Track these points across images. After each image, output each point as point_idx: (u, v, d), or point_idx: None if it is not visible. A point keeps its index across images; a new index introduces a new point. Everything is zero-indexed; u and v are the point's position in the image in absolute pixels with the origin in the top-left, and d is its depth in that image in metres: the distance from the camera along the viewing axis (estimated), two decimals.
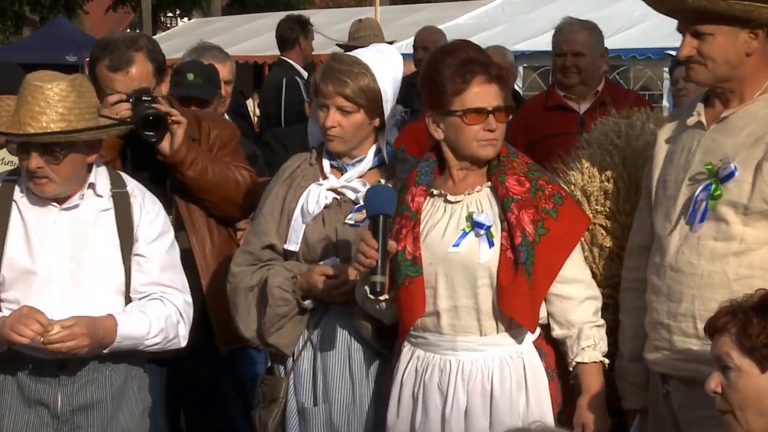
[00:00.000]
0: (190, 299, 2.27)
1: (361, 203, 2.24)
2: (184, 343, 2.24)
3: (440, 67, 2.11)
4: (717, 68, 1.97)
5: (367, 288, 2.06)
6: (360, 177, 2.28)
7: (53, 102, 2.04)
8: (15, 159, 3.02)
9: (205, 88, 3.39)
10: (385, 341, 2.21)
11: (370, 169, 2.29)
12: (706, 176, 1.98)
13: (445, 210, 2.12)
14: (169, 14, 24.95)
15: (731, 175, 1.95)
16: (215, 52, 3.87)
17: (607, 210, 2.40)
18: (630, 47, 9.13)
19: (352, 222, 2.26)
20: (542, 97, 3.76)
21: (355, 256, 2.08)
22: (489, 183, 2.10)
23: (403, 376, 2.14)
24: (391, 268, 2.07)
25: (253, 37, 13.32)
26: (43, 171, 2.07)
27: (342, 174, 2.29)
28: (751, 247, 1.96)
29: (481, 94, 2.05)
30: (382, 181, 2.25)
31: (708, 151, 2.01)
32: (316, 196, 2.26)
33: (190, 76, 3.35)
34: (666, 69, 9.21)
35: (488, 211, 2.08)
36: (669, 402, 2.05)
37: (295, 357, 2.28)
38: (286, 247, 2.28)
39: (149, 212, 2.22)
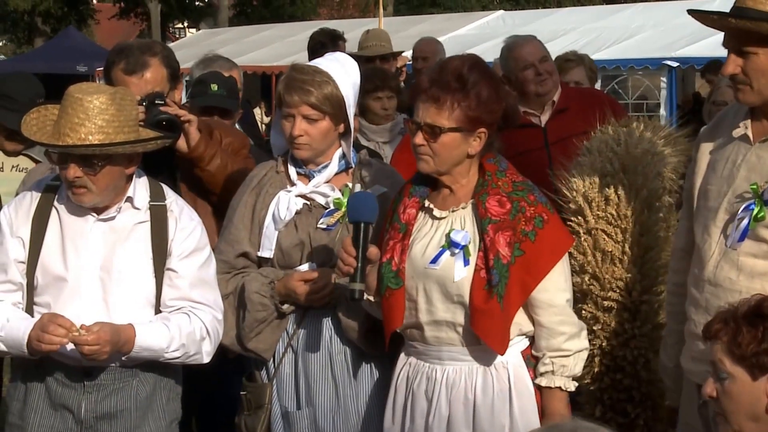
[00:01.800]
0: (220, 316, 2.24)
1: (332, 207, 2.26)
2: (207, 360, 2.23)
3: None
4: (763, 87, 1.95)
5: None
6: (327, 182, 2.29)
7: (92, 114, 2.07)
8: (29, 166, 3.08)
9: (228, 99, 3.41)
10: (375, 343, 2.21)
11: (336, 174, 2.31)
12: (750, 196, 1.97)
13: (431, 225, 2.11)
14: (178, 25, 25.09)
15: None
16: (222, 62, 3.91)
17: (609, 215, 2.46)
18: (628, 57, 9.23)
19: (324, 226, 2.26)
20: None
21: (336, 261, 2.12)
22: (473, 200, 2.09)
23: (396, 382, 2.16)
24: (378, 276, 2.09)
25: (260, 47, 13.45)
26: (80, 181, 2.10)
27: (309, 181, 2.30)
28: None
29: (421, 108, 2.06)
30: (349, 185, 2.28)
31: (753, 168, 1.99)
32: (286, 203, 2.26)
33: (214, 87, 3.37)
34: (663, 79, 9.31)
35: (469, 229, 2.07)
36: (706, 412, 1.96)
37: (277, 362, 2.28)
38: (259, 254, 2.28)
39: (184, 228, 2.21)
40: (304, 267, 2.26)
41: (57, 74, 11.73)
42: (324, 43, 4.79)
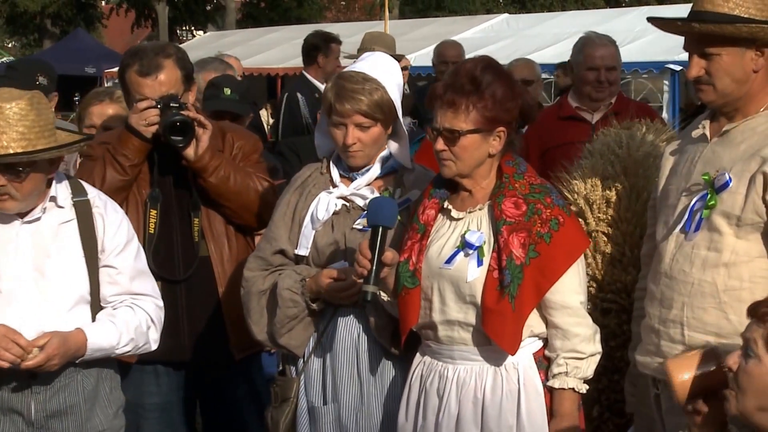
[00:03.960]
0: (160, 302, 2.29)
1: None
2: (155, 347, 2.28)
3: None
4: (725, 87, 2.00)
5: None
6: (368, 185, 2.33)
7: (12, 121, 2.03)
8: None
9: (240, 104, 3.43)
10: (401, 343, 2.24)
11: (380, 176, 2.34)
12: (702, 186, 2.03)
13: (449, 226, 2.15)
14: (185, 28, 25.15)
15: (726, 185, 1.98)
16: (216, 63, 3.92)
17: (609, 218, 2.48)
18: (632, 61, 9.25)
19: (360, 227, 2.29)
20: (555, 107, 3.74)
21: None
22: (489, 202, 2.12)
23: (411, 380, 2.20)
24: (395, 275, 2.14)
25: (267, 49, 13.51)
26: (4, 189, 2.08)
27: (351, 182, 2.33)
28: (741, 259, 1.99)
29: (439, 114, 2.10)
30: (390, 188, 2.31)
31: (707, 162, 2.05)
32: (325, 204, 2.31)
33: (227, 91, 3.40)
34: (666, 82, 9.34)
35: (485, 230, 2.10)
36: (659, 405, 2.10)
37: (305, 358, 2.33)
38: (296, 252, 2.33)
39: (112, 222, 2.22)
40: (336, 266, 2.30)
41: (66, 75, 11.82)
42: (317, 45, 4.82)
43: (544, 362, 2.14)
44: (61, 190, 2.21)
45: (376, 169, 2.34)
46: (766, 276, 2.00)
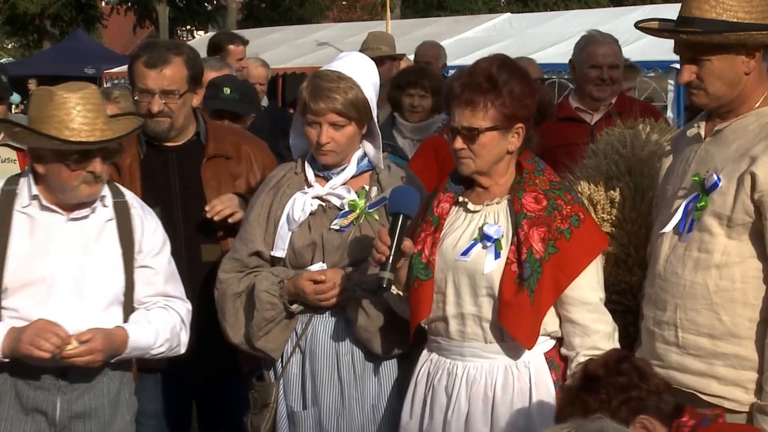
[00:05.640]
0: (190, 306, 2.30)
1: (347, 209, 2.29)
2: (184, 350, 2.29)
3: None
4: (717, 91, 2.02)
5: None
6: (344, 184, 2.32)
7: (98, 107, 2.09)
8: (12, 156, 3.02)
9: (240, 103, 3.44)
10: (390, 346, 2.25)
11: (356, 175, 2.33)
12: (693, 187, 2.04)
13: (464, 218, 2.15)
14: (185, 28, 25.22)
15: (715, 186, 2.00)
16: (213, 62, 3.94)
17: (613, 218, 2.45)
18: (635, 60, 9.22)
19: (337, 228, 2.28)
20: (556, 108, 3.88)
21: (347, 262, 2.18)
22: (508, 196, 2.13)
23: (417, 377, 2.19)
24: (408, 267, 2.13)
25: (268, 50, 13.49)
26: (102, 176, 2.14)
27: (326, 182, 2.33)
28: (733, 260, 2.00)
29: (457, 113, 2.10)
30: (366, 187, 2.30)
31: (701, 162, 2.06)
32: (301, 204, 2.30)
33: (227, 90, 3.41)
34: (671, 81, 9.33)
35: (503, 224, 2.10)
36: None
37: (284, 362, 2.31)
38: (272, 253, 2.31)
39: (150, 223, 2.25)
40: (315, 267, 2.28)
41: (65, 76, 11.82)
42: (216, 45, 4.80)
43: (556, 362, 2.13)
44: (105, 189, 2.23)
45: (351, 169, 2.32)
46: (758, 276, 2.00)
